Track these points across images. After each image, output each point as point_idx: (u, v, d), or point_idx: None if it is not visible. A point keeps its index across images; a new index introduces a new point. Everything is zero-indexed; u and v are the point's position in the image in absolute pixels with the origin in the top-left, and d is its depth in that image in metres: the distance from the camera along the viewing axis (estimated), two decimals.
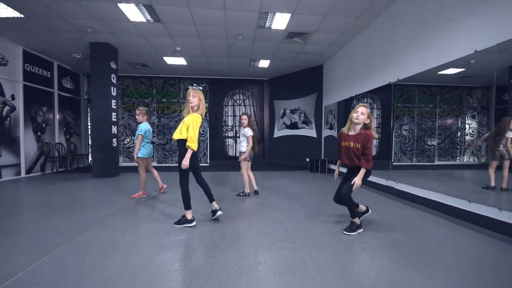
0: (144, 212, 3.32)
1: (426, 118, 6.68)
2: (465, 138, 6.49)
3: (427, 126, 6.66)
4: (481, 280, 1.72)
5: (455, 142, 6.54)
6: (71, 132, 8.32)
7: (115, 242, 2.33)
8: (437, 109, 6.59)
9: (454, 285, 1.66)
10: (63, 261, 1.96)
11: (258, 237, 2.47)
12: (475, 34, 2.91)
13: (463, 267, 1.90)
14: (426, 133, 6.69)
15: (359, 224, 2.62)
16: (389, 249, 2.19)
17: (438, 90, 6.55)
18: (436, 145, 6.60)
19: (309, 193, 4.58)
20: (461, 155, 6.56)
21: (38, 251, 2.12)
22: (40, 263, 1.92)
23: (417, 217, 3.14)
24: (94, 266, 1.88)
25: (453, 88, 6.44)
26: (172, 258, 2.03)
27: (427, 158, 6.63)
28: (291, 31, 5.37)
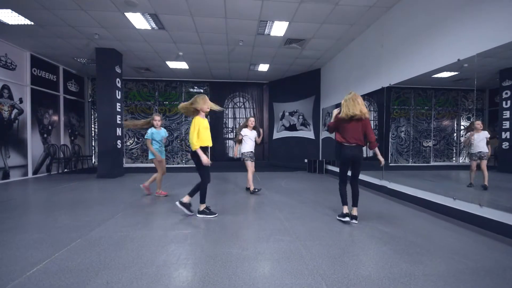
0: (151, 209, 3.54)
1: (422, 120, 6.89)
2: (460, 140, 6.72)
3: (423, 128, 6.88)
4: (458, 267, 1.94)
5: (451, 143, 6.76)
6: (75, 134, 8.54)
7: (127, 235, 2.55)
8: (433, 111, 6.81)
9: (435, 272, 1.88)
10: (81, 252, 2.18)
11: (258, 231, 2.69)
12: (458, 43, 3.15)
13: (444, 258, 2.12)
14: (422, 135, 6.91)
15: None
16: (376, 240, 2.41)
17: (433, 93, 6.77)
18: (431, 146, 6.82)
19: (306, 192, 4.80)
20: (456, 156, 6.78)
21: (58, 244, 2.33)
22: (61, 253, 2.14)
23: (406, 213, 3.36)
24: (111, 256, 2.10)
25: (448, 91, 6.66)
26: (180, 248, 2.25)
27: (423, 159, 6.85)
28: (289, 38, 5.62)
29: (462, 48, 3.07)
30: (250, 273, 1.84)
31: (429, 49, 3.61)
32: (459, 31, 3.14)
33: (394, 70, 4.40)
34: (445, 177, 6.03)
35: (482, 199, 3.04)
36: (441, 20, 3.42)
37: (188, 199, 3.20)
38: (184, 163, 9.48)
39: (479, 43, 2.84)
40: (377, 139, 6.72)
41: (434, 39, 3.53)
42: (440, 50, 3.40)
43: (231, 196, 4.42)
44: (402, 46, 4.19)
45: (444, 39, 3.36)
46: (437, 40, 3.47)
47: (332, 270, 1.88)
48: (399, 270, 1.88)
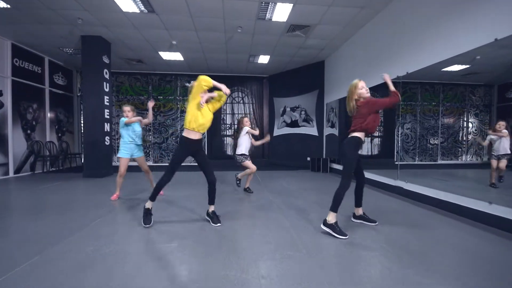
0: (133, 215, 3.05)
1: (429, 117, 6.48)
2: (468, 137, 6.31)
3: (430, 125, 6.47)
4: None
5: (458, 141, 6.35)
6: (63, 130, 8.01)
7: (98, 251, 2.06)
8: (440, 107, 6.40)
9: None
10: (32, 275, 1.69)
11: (260, 245, 2.21)
12: (495, 22, 2.65)
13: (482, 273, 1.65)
14: (429, 132, 6.49)
15: None
16: (407, 256, 1.94)
17: (441, 88, 6.36)
18: (439, 144, 6.41)
19: (311, 193, 4.32)
20: (464, 154, 6.37)
21: (6, 264, 1.84)
22: (4, 279, 1.64)
23: (431, 219, 2.89)
24: (69, 283, 1.61)
25: (456, 86, 6.26)
26: (162, 270, 1.76)
27: (430, 157, 6.43)
28: (293, 24, 5.11)
29: (501, 25, 2.58)
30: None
31: (458, 30, 3.12)
32: (496, 5, 2.65)
33: (412, 57, 3.91)
34: (460, 177, 5.59)
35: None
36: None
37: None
38: None
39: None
40: (386, 136, 6.28)
41: (464, 18, 3.03)
42: (473, 30, 2.91)
43: (229, 197, 3.93)
44: (423, 29, 3.69)
45: (477, 16, 2.87)
46: (468, 18, 2.98)
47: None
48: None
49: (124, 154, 3.67)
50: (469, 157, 6.28)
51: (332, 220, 2.38)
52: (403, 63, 4.12)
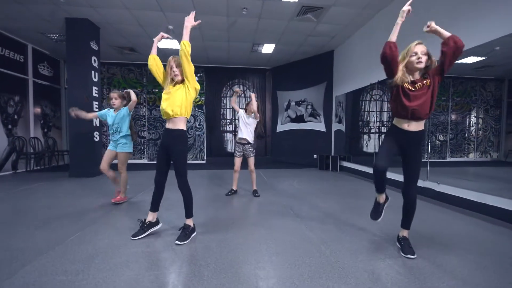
0: (124, 224, 2.49)
1: (438, 112, 6.08)
2: (478, 134, 5.95)
3: (439, 121, 6.07)
4: None
5: (468, 138, 5.99)
6: (49, 125, 7.36)
7: (70, 284, 1.51)
8: (450, 103, 5.99)
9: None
10: None
11: (291, 268, 1.67)
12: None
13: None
14: (438, 128, 6.11)
15: None
16: None
17: (451, 82, 5.94)
18: (448, 141, 6.02)
19: (328, 196, 3.81)
20: (473, 151, 6.01)
21: None
22: None
23: (483, 230, 2.39)
24: None
25: (467, 80, 5.84)
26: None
27: (439, 154, 6.06)
28: (305, 5, 4.55)
29: None
30: None
31: (484, 18, 2.61)
32: None
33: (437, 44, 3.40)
34: (478, 175, 5.16)
35: None
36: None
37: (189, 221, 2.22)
38: None
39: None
40: None
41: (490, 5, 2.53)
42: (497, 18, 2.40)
43: (230, 201, 3.40)
44: (455, 11, 3.18)
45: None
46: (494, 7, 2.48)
47: None
48: None
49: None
50: (478, 154, 5.92)
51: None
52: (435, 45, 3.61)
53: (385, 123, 5.93)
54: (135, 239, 2.10)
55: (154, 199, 2.17)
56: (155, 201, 2.18)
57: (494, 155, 5.55)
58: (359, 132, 6.45)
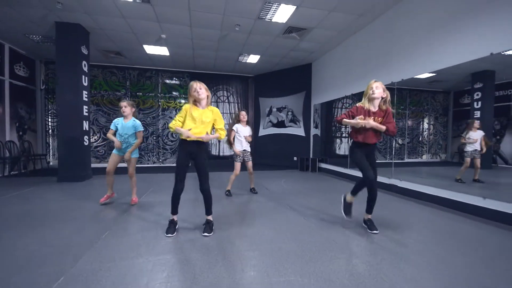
0: (147, 223, 2.80)
1: (397, 119, 7.08)
2: (430, 138, 7.03)
3: (398, 126, 7.07)
4: None
5: (421, 141, 7.04)
6: (24, 128, 7.03)
7: (133, 265, 1.85)
8: (407, 111, 7.03)
9: None
10: None
11: (297, 245, 2.19)
12: (492, 36, 2.99)
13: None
14: (397, 133, 7.10)
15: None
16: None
17: (408, 93, 6.99)
18: (406, 144, 7.03)
19: (315, 193, 4.42)
20: (426, 153, 7.09)
21: None
22: None
23: (434, 216, 3.15)
24: None
25: (420, 92, 6.93)
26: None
27: (398, 156, 7.03)
28: (291, 26, 5.16)
29: (497, 41, 2.92)
30: None
31: (455, 42, 3.45)
32: (493, 22, 2.99)
33: (407, 65, 4.23)
34: (432, 173, 6.16)
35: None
36: (471, 11, 3.25)
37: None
38: (161, 162, 8.50)
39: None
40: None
41: (462, 31, 3.36)
42: (470, 43, 3.24)
43: (239, 201, 3.84)
44: (421, 38, 4.00)
45: (475, 31, 3.20)
46: (466, 32, 3.31)
47: None
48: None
49: None
50: (430, 155, 6.99)
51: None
52: (398, 70, 4.42)
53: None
54: (168, 235, 2.42)
55: (176, 204, 2.51)
56: (176, 205, 2.52)
57: (443, 156, 6.65)
58: (333, 136, 7.27)
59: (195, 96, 2.44)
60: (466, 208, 3.22)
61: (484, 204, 3.03)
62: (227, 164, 8.32)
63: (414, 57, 4.11)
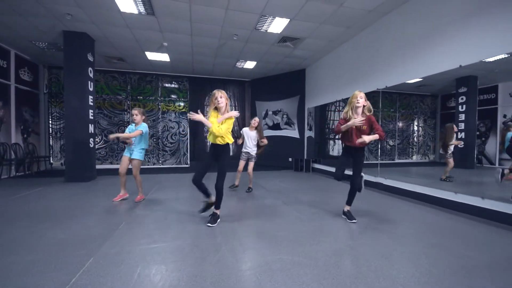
0: (156, 215, 3.13)
1: (388, 121, 7.51)
2: (419, 139, 7.47)
3: (389, 129, 7.49)
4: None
5: (411, 143, 7.47)
6: (28, 131, 7.28)
7: (151, 248, 2.19)
8: (397, 113, 7.45)
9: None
10: None
11: (294, 232, 2.56)
12: (461, 49, 3.41)
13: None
14: (388, 135, 7.52)
15: None
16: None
17: (398, 97, 7.42)
18: (396, 145, 7.45)
19: (309, 191, 4.79)
20: (415, 154, 7.52)
21: None
22: None
23: (410, 207, 3.55)
24: None
25: (410, 96, 7.37)
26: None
27: (389, 156, 7.45)
28: (285, 36, 5.55)
29: (465, 54, 3.34)
30: None
31: (430, 54, 3.87)
32: (462, 37, 3.41)
33: (390, 73, 4.65)
34: (419, 173, 6.58)
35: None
36: (443, 26, 3.67)
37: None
38: (161, 163, 8.80)
39: (483, 51, 3.12)
40: None
41: (436, 45, 3.78)
42: (442, 55, 3.66)
43: (239, 198, 4.18)
44: (400, 50, 4.43)
45: (446, 44, 3.62)
46: (439, 45, 3.73)
47: None
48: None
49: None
50: (419, 156, 7.42)
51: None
52: (383, 77, 4.84)
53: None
54: (201, 213, 3.01)
55: (202, 190, 2.89)
56: (204, 191, 2.90)
57: (431, 157, 7.06)
58: (326, 138, 7.67)
59: (215, 103, 2.72)
60: (439, 202, 3.63)
61: (456, 198, 3.44)
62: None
63: (396, 66, 4.53)
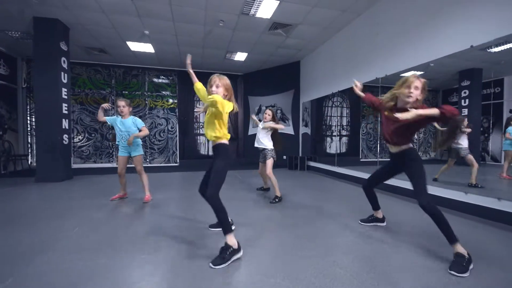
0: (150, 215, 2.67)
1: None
2: (419, 136, 7.05)
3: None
4: None
5: (412, 140, 7.06)
6: (5, 127, 6.81)
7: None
8: None
9: None
10: None
11: (290, 230, 2.10)
12: (472, 28, 2.96)
13: None
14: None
15: None
16: None
17: None
18: None
19: (303, 190, 4.34)
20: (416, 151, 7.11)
21: None
22: None
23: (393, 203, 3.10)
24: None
25: None
26: None
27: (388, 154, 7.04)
28: (276, 21, 5.09)
29: (477, 33, 2.88)
30: None
31: (436, 36, 3.41)
32: (472, 14, 2.95)
33: (391, 60, 4.19)
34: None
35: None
36: (451, 4, 3.22)
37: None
38: (148, 162, 8.34)
39: (497, 28, 2.66)
40: (352, 135, 6.58)
41: (443, 25, 3.33)
42: (450, 36, 3.21)
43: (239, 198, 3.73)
44: (402, 34, 3.97)
45: (455, 24, 3.16)
46: (447, 25, 3.28)
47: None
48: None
49: None
50: (420, 154, 7.01)
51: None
52: (382, 66, 4.39)
53: (345, 127, 6.74)
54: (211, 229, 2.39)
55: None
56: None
57: (432, 155, 6.65)
58: (323, 135, 7.21)
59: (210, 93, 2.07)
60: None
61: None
62: None
63: (397, 52, 4.07)
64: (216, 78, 2.04)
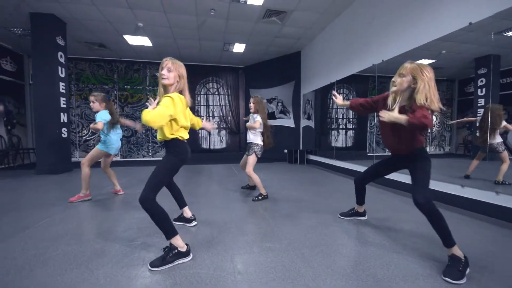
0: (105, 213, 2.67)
1: None
2: (432, 129, 6.64)
3: None
4: None
5: (424, 133, 6.66)
6: (13, 122, 7.08)
7: None
8: None
9: None
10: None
11: (236, 237, 2.00)
12: (469, 6, 2.67)
13: None
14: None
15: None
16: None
17: None
18: None
19: (290, 184, 4.20)
20: (428, 145, 6.71)
21: None
22: None
23: (388, 197, 2.90)
24: None
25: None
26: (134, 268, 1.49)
27: None
28: (269, 8, 4.89)
29: (474, 8, 2.60)
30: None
31: (431, 16, 3.13)
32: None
33: (387, 44, 3.91)
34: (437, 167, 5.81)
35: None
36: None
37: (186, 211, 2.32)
38: (151, 156, 8.44)
39: (496, 1, 2.37)
40: (359, 129, 6.29)
41: (436, 4, 3.04)
42: (447, 14, 2.92)
43: (202, 193, 3.67)
44: (397, 16, 3.68)
45: (450, 2, 2.87)
46: (441, 4, 2.99)
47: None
48: None
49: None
50: (433, 147, 6.62)
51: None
52: (379, 50, 4.11)
53: (351, 119, 6.45)
54: (177, 223, 2.25)
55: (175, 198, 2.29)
56: (176, 199, 2.29)
57: (447, 148, 6.26)
58: (328, 128, 6.95)
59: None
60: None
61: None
62: (216, 157, 8.20)
63: (395, 35, 3.78)
64: (168, 60, 1.78)
